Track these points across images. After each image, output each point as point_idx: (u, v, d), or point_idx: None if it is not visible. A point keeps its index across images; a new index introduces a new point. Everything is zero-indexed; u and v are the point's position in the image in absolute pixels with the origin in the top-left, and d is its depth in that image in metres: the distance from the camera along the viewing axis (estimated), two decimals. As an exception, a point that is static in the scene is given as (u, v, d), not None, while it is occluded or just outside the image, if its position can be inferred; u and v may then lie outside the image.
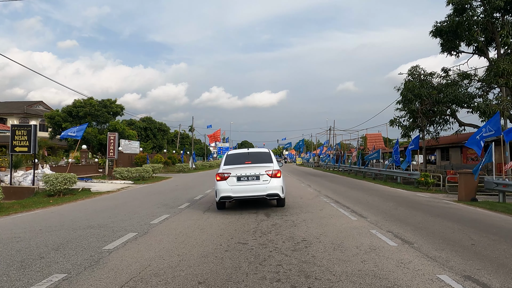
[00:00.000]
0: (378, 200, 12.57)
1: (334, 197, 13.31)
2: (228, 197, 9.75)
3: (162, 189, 18.27)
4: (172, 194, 15.34)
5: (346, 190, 16.50)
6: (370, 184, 20.99)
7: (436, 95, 21.72)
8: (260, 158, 10.65)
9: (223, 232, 7.15)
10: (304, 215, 9.05)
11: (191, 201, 12.75)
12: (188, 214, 9.75)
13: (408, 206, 11.12)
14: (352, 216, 8.90)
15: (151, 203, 12.49)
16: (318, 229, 7.23)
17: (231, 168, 10.04)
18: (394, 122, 24.00)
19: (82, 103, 41.02)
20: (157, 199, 13.75)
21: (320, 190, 15.83)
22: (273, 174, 9.76)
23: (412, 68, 23.57)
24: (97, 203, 13.00)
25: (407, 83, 23.02)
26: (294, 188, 17.19)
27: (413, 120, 23.59)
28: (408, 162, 20.32)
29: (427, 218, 8.84)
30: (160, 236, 6.90)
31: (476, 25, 21.22)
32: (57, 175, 15.57)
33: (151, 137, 54.09)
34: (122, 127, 41.78)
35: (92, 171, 29.80)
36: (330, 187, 17.94)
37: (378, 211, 9.91)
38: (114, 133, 30.63)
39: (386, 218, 8.69)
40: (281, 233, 6.85)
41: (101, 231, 7.52)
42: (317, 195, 13.76)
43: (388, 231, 7.04)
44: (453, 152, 29.21)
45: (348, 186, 19.24)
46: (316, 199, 12.65)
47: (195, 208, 10.84)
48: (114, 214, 9.91)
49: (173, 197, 14.30)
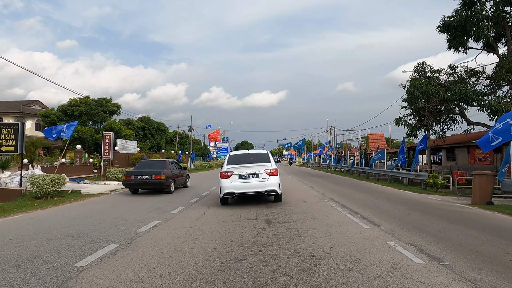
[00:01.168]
0: (387, 204, 11.63)
1: (340, 200, 12.36)
2: (231, 193, 10.71)
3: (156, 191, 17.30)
4: (166, 197, 14.40)
5: (352, 192, 15.55)
6: (375, 186, 20.04)
7: (444, 92, 20.79)
8: (259, 158, 11.62)
9: (217, 243, 6.21)
10: (309, 222, 8.11)
11: (186, 204, 11.80)
12: (180, 220, 8.81)
13: (421, 211, 10.19)
14: (364, 223, 7.95)
15: (142, 207, 11.54)
16: (327, 240, 6.28)
17: (233, 167, 10.96)
18: (399, 121, 23.03)
19: (78, 102, 40.08)
20: (149, 202, 12.80)
21: (324, 193, 14.89)
22: (271, 173, 10.76)
23: (419, 65, 22.62)
24: (84, 207, 12.05)
25: (413, 80, 22.07)
26: (296, 190, 16.24)
27: (420, 118, 22.65)
28: (415, 163, 19.36)
29: (446, 225, 7.89)
30: (144, 249, 5.95)
31: (486, 20, 20.30)
32: (44, 176, 14.61)
33: (149, 137, 53.12)
34: (119, 127, 40.83)
35: (87, 172, 28.85)
36: (334, 189, 16.99)
37: (390, 217, 8.96)
38: (109, 133, 29.66)
39: (401, 225, 7.75)
40: (285, 246, 5.90)
41: (79, 241, 6.57)
42: (321, 198, 12.81)
43: (408, 243, 6.09)
44: (459, 152, 28.27)
45: (352, 188, 18.29)
46: (320, 202, 11.70)
47: (189, 213, 9.89)
48: (99, 220, 8.97)
49: (168, 200, 13.36)
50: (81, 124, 39.60)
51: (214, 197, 13.96)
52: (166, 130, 57.65)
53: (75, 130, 38.31)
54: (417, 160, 19.32)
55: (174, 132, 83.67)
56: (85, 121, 40.06)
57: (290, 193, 14.57)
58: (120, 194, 16.50)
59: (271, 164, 11.05)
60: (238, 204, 11.56)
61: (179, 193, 15.71)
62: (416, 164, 19.50)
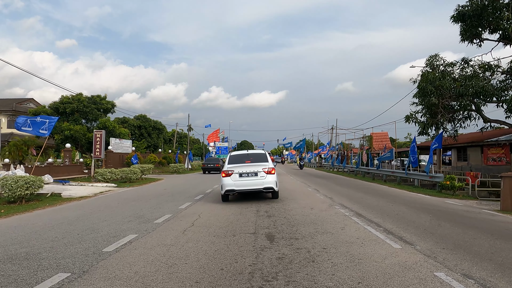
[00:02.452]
0: (408, 211, 10.01)
1: (353, 206, 10.73)
2: (232, 190, 11.50)
3: (146, 194, 15.70)
4: (155, 201, 12.78)
5: (362, 196, 13.93)
6: (385, 188, 18.42)
7: (459, 87, 19.17)
8: (258, 158, 12.54)
9: (202, 273, 4.58)
10: (321, 238, 6.49)
11: (174, 211, 10.18)
12: (162, 233, 7.18)
13: (450, 220, 8.58)
14: (391, 240, 6.32)
15: (123, 214, 9.93)
16: (350, 269, 4.65)
17: (234, 166, 11.71)
18: (410, 118, 21.43)
19: (70, 99, 38.47)
20: (134, 208, 11.18)
21: (332, 197, 13.26)
22: (269, 171, 11.52)
23: (431, 58, 20.99)
24: (56, 214, 10.43)
25: (425, 74, 20.47)
26: (300, 194, 14.61)
27: (432, 115, 21.04)
28: (430, 163, 17.75)
29: (493, 242, 6.28)
30: (101, 283, 4.33)
31: (506, 8, 18.69)
32: (17, 178, 12.98)
33: (146, 136, 51.46)
34: (113, 125, 39.19)
35: (77, 172, 27.24)
36: (341, 192, 15.37)
37: (419, 229, 7.35)
38: (100, 131, 28.01)
39: (439, 243, 6.13)
40: (294, 279, 4.28)
41: (18, 268, 4.95)
42: (330, 204, 11.18)
43: (464, 274, 4.46)
44: (471, 151, 26.64)
45: (361, 190, 16.67)
46: (330, 210, 10.07)
47: (175, 223, 8.28)
48: (64, 234, 7.35)
49: (155, 205, 11.74)
50: (74, 122, 38.01)
51: (208, 202, 12.35)
52: (163, 129, 55.98)
53: (67, 129, 36.78)
54: (431, 160, 17.70)
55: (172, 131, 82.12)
56: (78, 119, 38.45)
57: (293, 198, 12.96)
58: (105, 197, 14.90)
59: (269, 164, 11.88)
60: (234, 211, 9.95)
61: (170, 197, 14.09)
62: (431, 165, 17.87)
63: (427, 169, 18.35)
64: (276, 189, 11.70)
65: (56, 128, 37.81)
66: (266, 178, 11.40)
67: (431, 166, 18.01)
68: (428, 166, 18.23)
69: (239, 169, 11.51)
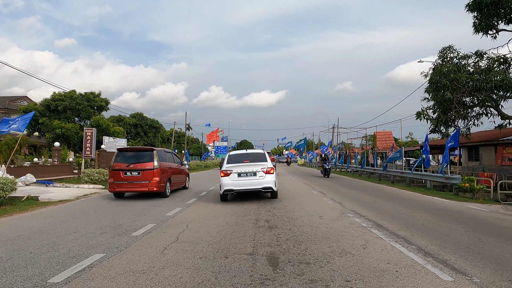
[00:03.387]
0: (433, 220, 8.49)
1: (368, 214, 9.21)
2: (231, 190, 11.38)
3: (134, 197, 14.18)
4: (141, 206, 11.27)
5: (375, 200, 12.41)
6: (395, 190, 16.91)
7: (476, 80, 17.65)
8: (257, 157, 12.38)
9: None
10: (340, 262, 4.96)
11: (160, 220, 8.67)
12: (136, 253, 5.66)
13: (489, 233, 7.08)
14: (434, 266, 4.78)
15: (99, 223, 8.42)
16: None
17: (232, 166, 11.61)
18: (421, 114, 19.93)
19: (62, 96, 36.96)
20: (114, 214, 9.67)
21: (342, 202, 11.73)
22: (267, 171, 11.43)
23: (444, 49, 19.46)
24: (20, 223, 8.89)
25: (438, 67, 18.94)
26: (305, 198, 13.08)
27: (444, 111, 19.53)
28: (446, 163, 16.23)
29: None
30: None
31: (528, -6, 17.19)
32: (-16, 180, 11.47)
33: (142, 135, 49.97)
34: (107, 123, 37.69)
35: (65, 173, 25.69)
36: (350, 196, 13.85)
37: (460, 248, 5.83)
38: (91, 129, 26.50)
39: (497, 270, 4.62)
40: None
41: None
42: (341, 211, 9.64)
43: None
44: (484, 151, 25.12)
45: (371, 193, 15.15)
46: (343, 218, 8.54)
47: (155, 238, 6.76)
48: (13, 252, 5.84)
49: (139, 211, 10.23)
50: (66, 120, 36.51)
51: (201, 207, 10.83)
52: (160, 127, 54.48)
53: (58, 127, 35.27)
54: (447, 160, 16.17)
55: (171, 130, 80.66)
56: (70, 117, 36.95)
57: (297, 203, 11.44)
58: (88, 201, 13.38)
59: (268, 163, 11.73)
60: (230, 220, 8.44)
61: (160, 200, 12.56)
62: (447, 165, 16.35)
63: (441, 169, 16.85)
64: (275, 189, 11.59)
65: (47, 127, 36.32)
66: (265, 178, 11.34)
67: (446, 166, 16.49)
68: (443, 166, 16.71)
69: (237, 169, 11.44)
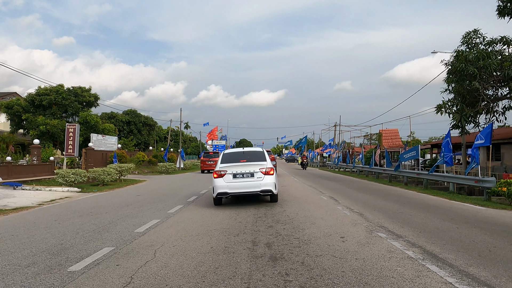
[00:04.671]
0: (498, 243, 6.14)
1: (405, 233, 6.84)
2: (225, 193, 10.15)
3: (107, 204, 11.85)
4: (109, 218, 8.93)
5: (401, 210, 10.05)
6: (415, 195, 14.57)
7: (508, 68, 15.30)
8: (255, 156, 11.12)
9: None
10: None
11: (121, 241, 6.32)
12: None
13: None
14: None
15: (34, 247, 6.07)
16: None
17: (227, 166, 10.41)
18: (442, 107, 17.58)
19: (48, 90, 34.56)
20: (63, 233, 7.32)
21: (362, 212, 9.33)
22: (266, 172, 10.23)
23: (469, 34, 17.09)
24: None
25: (462, 53, 16.59)
26: (316, 206, 10.70)
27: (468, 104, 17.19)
28: (477, 164, 13.86)
29: None
30: None
31: None
32: None
33: (135, 133, 47.49)
34: (95, 119, 35.30)
35: (45, 173, 23.26)
36: (369, 203, 11.50)
37: None
38: (74, 125, 24.11)
39: None
40: None
41: None
42: (368, 229, 7.22)
43: None
44: (507, 149, 22.81)
45: (391, 199, 12.80)
46: (376, 242, 6.13)
47: (97, 279, 4.42)
48: None
49: (102, 225, 7.89)
50: (51, 116, 34.12)
51: (183, 219, 8.46)
52: (154, 125, 52.00)
53: (42, 123, 32.89)
54: (478, 160, 13.81)
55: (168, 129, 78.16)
56: (56, 112, 34.56)
57: (307, 213, 9.08)
58: (50, 208, 11.04)
59: (267, 163, 10.62)
60: (216, 243, 6.09)
61: (137, 209, 10.20)
62: (476, 166, 13.98)
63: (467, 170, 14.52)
64: (275, 192, 10.37)
65: (31, 123, 33.96)
66: (263, 180, 10.12)
67: (477, 167, 14.12)
68: (471, 167, 14.37)
69: (233, 169, 10.23)
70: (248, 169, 10.27)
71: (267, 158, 10.97)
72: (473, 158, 14.11)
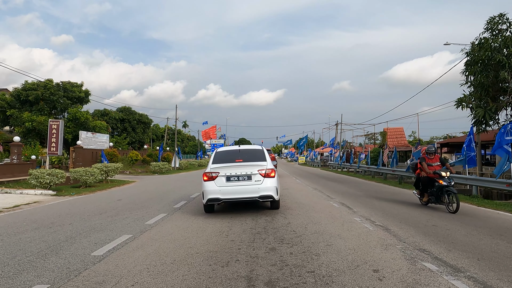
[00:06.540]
0: None
1: (455, 259, 5.02)
2: (216, 199, 8.63)
3: (79, 211, 10.01)
4: (74, 229, 7.11)
5: (429, 219, 8.21)
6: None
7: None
8: (253, 156, 9.56)
9: None
10: None
11: (67, 272, 4.49)
12: None
13: None
14: None
15: None
16: None
17: (220, 167, 8.89)
18: (463, 101, 15.74)
19: (35, 85, 32.71)
20: (9, 254, 5.49)
21: (388, 227, 7.43)
22: (267, 174, 8.73)
23: (493, 19, 15.23)
24: None
25: (487, 41, 14.76)
26: (327, 217, 8.85)
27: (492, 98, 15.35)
28: (509, 164, 12.04)
29: None
30: None
31: None
32: None
33: (130, 131, 45.65)
34: (85, 116, 33.46)
35: (24, 173, 21.41)
36: (391, 213, 9.66)
37: None
38: (57, 121, 22.24)
39: None
40: None
41: None
42: (406, 254, 5.35)
43: None
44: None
45: (410, 206, 10.97)
46: (417, 272, 4.32)
47: None
48: None
49: (55, 244, 6.06)
50: (38, 113, 32.27)
51: (160, 235, 6.58)
52: (150, 123, 50.14)
53: (28, 120, 31.05)
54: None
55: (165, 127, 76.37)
56: (43, 108, 32.72)
57: (319, 229, 7.24)
58: (5, 217, 9.19)
59: (267, 163, 9.02)
60: (194, 283, 4.25)
61: (109, 218, 8.36)
62: (508, 166, 12.15)
63: (499, 172, 12.69)
64: (276, 197, 8.82)
65: (16, 120, 32.11)
66: (263, 183, 8.59)
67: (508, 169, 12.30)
68: (502, 169, 12.54)
69: (226, 171, 8.70)
70: (245, 170, 8.69)
71: (267, 158, 9.37)
72: (506, 156, 12.26)
